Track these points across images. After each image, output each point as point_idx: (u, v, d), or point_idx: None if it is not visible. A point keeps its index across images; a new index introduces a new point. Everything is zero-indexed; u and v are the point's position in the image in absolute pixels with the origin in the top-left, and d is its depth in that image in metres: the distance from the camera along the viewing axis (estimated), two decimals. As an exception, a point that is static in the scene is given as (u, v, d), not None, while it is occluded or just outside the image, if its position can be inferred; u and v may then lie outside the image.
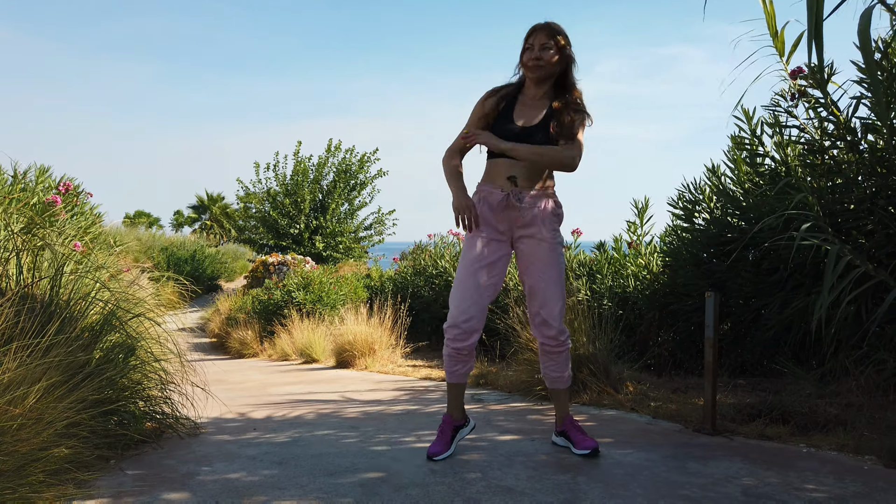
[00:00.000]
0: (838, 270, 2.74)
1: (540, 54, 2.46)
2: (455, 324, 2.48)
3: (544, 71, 2.48)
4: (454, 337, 2.49)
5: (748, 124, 3.95)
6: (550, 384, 2.68)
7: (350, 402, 4.00)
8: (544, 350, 2.60)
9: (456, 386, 2.61)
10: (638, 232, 5.37)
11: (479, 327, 2.49)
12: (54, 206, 5.35)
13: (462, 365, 2.55)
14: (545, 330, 2.53)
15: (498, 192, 2.49)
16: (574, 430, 2.62)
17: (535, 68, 2.47)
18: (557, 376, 2.63)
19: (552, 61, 2.47)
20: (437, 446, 2.54)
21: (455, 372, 2.57)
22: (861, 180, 3.36)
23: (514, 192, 2.46)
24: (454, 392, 2.62)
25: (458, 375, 2.58)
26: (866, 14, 1.30)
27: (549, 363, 2.62)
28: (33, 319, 2.32)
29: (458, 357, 2.53)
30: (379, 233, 16.81)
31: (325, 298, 7.89)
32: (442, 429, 2.60)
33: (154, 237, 19.54)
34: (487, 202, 2.50)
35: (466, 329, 2.47)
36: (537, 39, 2.47)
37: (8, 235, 3.17)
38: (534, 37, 2.48)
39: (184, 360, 3.13)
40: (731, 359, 4.30)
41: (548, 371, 2.65)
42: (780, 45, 3.43)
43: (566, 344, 2.57)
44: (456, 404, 2.63)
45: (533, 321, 2.57)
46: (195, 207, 40.38)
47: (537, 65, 2.46)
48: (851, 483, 2.19)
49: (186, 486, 2.22)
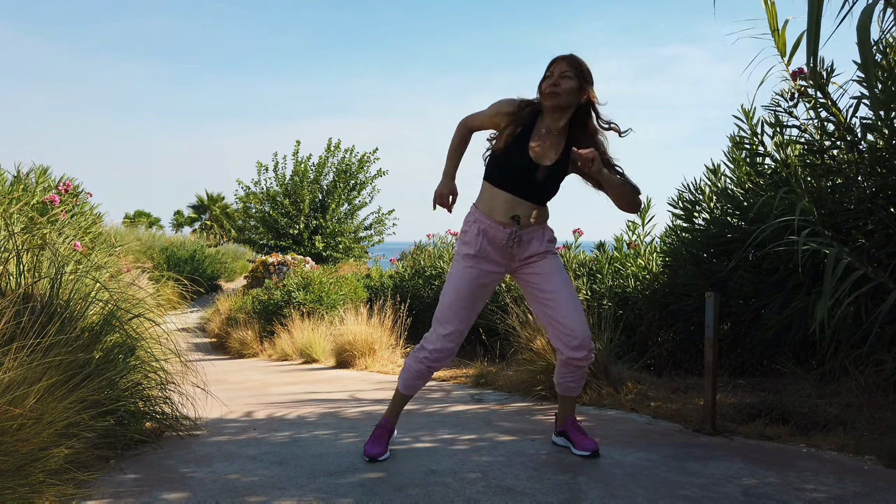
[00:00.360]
0: (837, 274, 2.74)
1: (558, 81, 2.39)
2: (440, 348, 2.48)
3: (561, 99, 2.39)
4: (436, 358, 2.49)
5: (748, 124, 3.95)
6: (564, 392, 2.65)
7: (350, 402, 4.00)
8: (570, 364, 2.52)
9: (406, 397, 2.64)
10: (639, 232, 5.37)
11: (455, 352, 2.52)
12: (53, 205, 5.35)
13: (423, 381, 2.58)
14: (571, 341, 2.45)
15: (501, 229, 2.43)
16: (575, 430, 2.62)
17: (551, 95, 2.38)
18: (574, 387, 2.62)
19: (569, 90, 2.39)
20: (378, 448, 2.53)
21: (415, 386, 2.59)
22: (861, 180, 3.36)
23: (516, 231, 2.43)
24: (402, 401, 2.64)
25: (415, 389, 2.61)
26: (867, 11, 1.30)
27: (569, 376, 2.58)
28: (33, 319, 2.32)
29: (425, 375, 2.55)
30: (379, 233, 16.82)
31: (325, 298, 7.89)
32: (380, 433, 2.60)
33: (154, 237, 19.54)
34: (488, 237, 2.45)
35: (448, 352, 2.49)
36: (557, 68, 2.40)
37: (8, 235, 3.17)
38: (554, 65, 2.42)
39: (184, 360, 3.13)
40: (731, 359, 4.30)
41: (566, 382, 2.60)
42: (781, 45, 3.43)
43: (591, 356, 2.51)
44: (398, 412, 2.67)
45: (557, 337, 2.48)
46: (195, 207, 40.38)
47: (554, 91, 2.38)
48: (851, 483, 2.19)
49: (186, 486, 2.22)
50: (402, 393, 2.61)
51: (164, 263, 15.73)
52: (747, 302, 4.10)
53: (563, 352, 2.50)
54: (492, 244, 2.45)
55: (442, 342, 2.47)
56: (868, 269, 2.86)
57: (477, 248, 2.46)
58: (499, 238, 2.44)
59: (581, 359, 2.49)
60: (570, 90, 2.40)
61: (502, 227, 2.44)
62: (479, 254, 2.46)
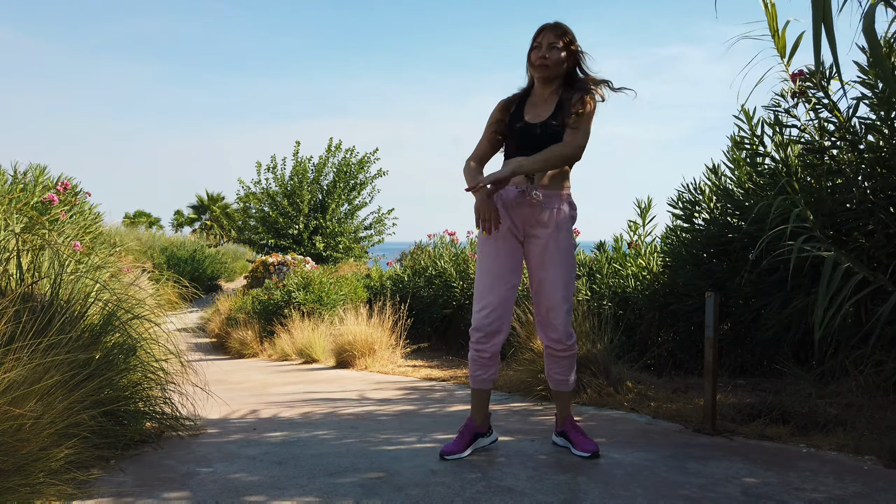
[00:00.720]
0: (835, 280, 2.74)
1: (547, 53, 2.46)
2: (478, 327, 2.48)
3: (551, 70, 2.48)
4: (477, 340, 2.49)
5: (748, 124, 3.95)
6: (554, 386, 2.66)
7: (350, 402, 4.00)
8: (549, 353, 2.58)
9: (477, 391, 2.60)
10: (639, 232, 5.36)
11: (502, 329, 2.49)
12: (52, 205, 5.35)
13: (484, 370, 2.54)
14: (550, 333, 2.51)
15: (511, 188, 2.47)
16: (574, 430, 2.61)
17: (541, 67, 2.47)
18: (562, 380, 2.61)
19: (558, 60, 2.47)
20: (452, 446, 2.53)
21: (477, 377, 2.56)
22: (861, 180, 3.36)
23: (528, 187, 2.45)
24: (476, 397, 2.61)
25: (480, 381, 2.57)
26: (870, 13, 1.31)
27: (554, 367, 2.60)
28: (34, 319, 2.32)
29: (479, 361, 2.52)
30: (379, 232, 16.82)
31: (325, 298, 7.89)
32: (462, 431, 2.58)
33: (154, 237, 19.56)
34: (501, 198, 2.48)
35: (490, 332, 2.47)
36: (545, 38, 2.47)
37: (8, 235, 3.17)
38: (542, 36, 2.49)
39: (184, 361, 3.13)
40: (731, 359, 4.31)
41: (552, 374, 2.62)
42: (781, 46, 3.43)
43: (573, 349, 2.55)
44: (478, 409, 2.61)
45: (539, 323, 2.55)
46: (195, 207, 40.37)
47: (544, 63, 2.47)
48: (851, 483, 2.19)
49: (186, 487, 2.22)
50: (472, 387, 2.61)
51: (164, 263, 15.73)
52: (747, 302, 4.10)
53: (543, 340, 2.56)
54: (505, 207, 2.47)
55: (477, 320, 2.48)
56: (867, 272, 2.86)
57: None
58: (510, 197, 2.47)
59: (560, 350, 2.53)
60: (559, 61, 2.48)
61: (514, 187, 2.47)
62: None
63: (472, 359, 2.54)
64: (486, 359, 2.51)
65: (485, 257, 2.51)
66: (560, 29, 2.48)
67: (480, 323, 2.48)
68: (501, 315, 2.47)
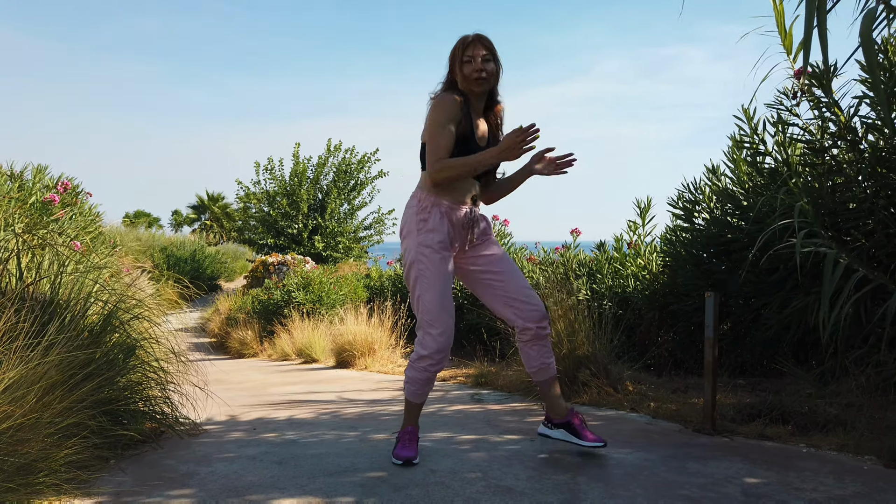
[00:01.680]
0: (836, 276, 2.74)
1: (483, 66, 2.40)
2: (439, 347, 2.43)
3: (489, 84, 2.45)
4: (438, 360, 2.45)
5: (748, 124, 3.95)
6: (542, 375, 2.56)
7: (350, 402, 4.00)
8: (536, 335, 2.50)
9: (420, 405, 2.58)
10: (639, 232, 5.36)
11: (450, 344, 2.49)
12: (52, 205, 5.35)
13: (431, 386, 2.55)
14: (533, 313, 2.48)
15: (461, 208, 2.46)
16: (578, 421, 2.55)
17: (480, 81, 2.41)
18: (548, 362, 2.55)
19: (492, 72, 2.44)
20: (411, 451, 2.47)
21: (424, 393, 2.54)
22: (861, 180, 3.36)
23: (473, 210, 2.50)
24: (417, 408, 2.58)
25: (425, 395, 2.57)
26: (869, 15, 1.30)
27: (541, 350, 2.53)
28: (34, 319, 2.32)
29: (432, 380, 2.51)
30: (379, 232, 16.81)
31: (325, 298, 7.89)
32: (410, 438, 2.52)
33: (154, 237, 19.55)
34: (449, 218, 2.44)
35: (448, 349, 2.47)
36: (477, 51, 2.41)
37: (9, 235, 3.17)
38: (472, 48, 2.41)
39: (183, 361, 3.13)
40: (731, 359, 4.30)
41: (541, 359, 2.53)
42: (788, 44, 3.43)
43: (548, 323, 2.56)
44: (417, 417, 2.59)
45: (517, 314, 2.49)
46: (195, 207, 40.38)
47: (482, 77, 2.41)
48: (851, 483, 2.19)
49: (186, 486, 2.22)
50: (413, 402, 2.56)
51: (164, 263, 15.73)
52: (747, 302, 4.10)
53: (528, 327, 2.50)
54: (454, 227, 2.47)
55: (437, 343, 2.43)
56: (867, 270, 2.86)
57: (444, 233, 2.43)
58: (459, 219, 2.47)
59: (546, 327, 2.53)
60: (493, 72, 2.46)
61: (462, 207, 2.47)
62: (444, 240, 2.43)
63: (424, 380, 2.49)
64: (436, 375, 2.53)
65: (436, 276, 2.41)
66: (487, 41, 2.44)
67: (442, 345, 2.44)
68: (453, 332, 2.48)
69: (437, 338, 2.43)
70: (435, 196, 2.44)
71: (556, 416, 2.59)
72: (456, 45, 2.46)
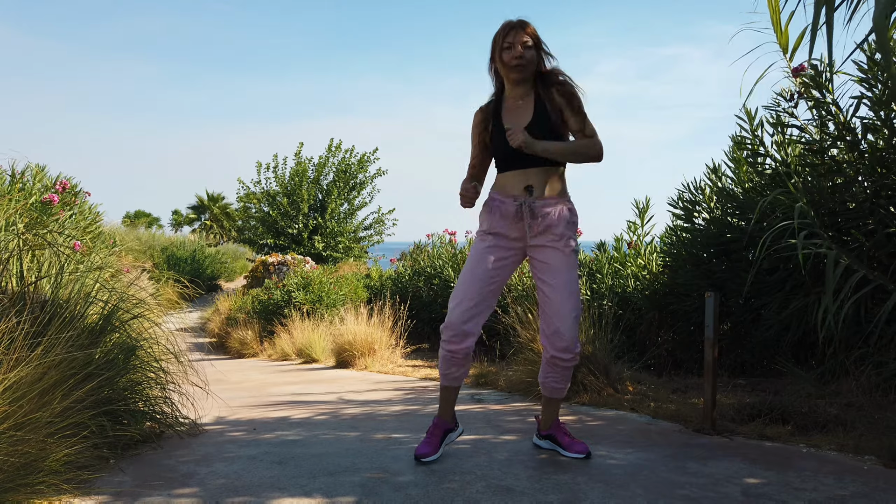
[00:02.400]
0: (836, 277, 2.74)
1: (522, 52, 2.38)
2: (450, 325, 2.41)
3: (527, 70, 2.41)
4: (449, 339, 2.42)
5: (749, 124, 3.95)
6: (549, 393, 2.58)
7: (350, 402, 4.00)
8: (553, 362, 2.48)
9: (449, 389, 2.54)
10: (638, 232, 5.37)
11: (475, 331, 2.42)
12: (52, 204, 5.35)
13: (457, 368, 2.47)
14: (557, 341, 2.42)
15: (510, 201, 2.43)
16: (562, 433, 2.58)
17: (518, 67, 2.39)
18: (558, 388, 2.54)
19: (533, 59, 2.41)
20: (425, 448, 2.48)
21: (448, 374, 2.49)
22: (861, 180, 3.36)
23: (528, 201, 2.41)
24: (446, 395, 2.55)
25: (452, 378, 2.50)
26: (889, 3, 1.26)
27: (553, 374, 2.51)
28: (34, 319, 2.32)
29: (452, 360, 2.45)
30: (379, 232, 16.82)
31: (325, 298, 7.89)
32: (432, 431, 2.53)
33: (154, 237, 19.55)
34: (500, 211, 2.44)
35: (463, 332, 2.40)
36: (517, 38, 2.38)
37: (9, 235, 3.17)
38: (512, 35, 2.39)
39: (183, 360, 3.13)
40: (731, 359, 4.31)
41: (548, 381, 2.54)
42: (783, 42, 3.42)
43: (577, 359, 2.47)
44: (447, 407, 2.56)
45: (544, 332, 2.47)
46: (195, 207, 40.37)
47: (521, 64, 2.38)
48: (851, 483, 2.19)
49: (186, 486, 2.22)
50: (443, 384, 2.54)
51: (164, 263, 15.73)
52: (747, 302, 4.10)
53: (548, 349, 2.47)
54: (504, 219, 2.43)
55: (450, 319, 2.41)
56: (867, 270, 2.86)
57: (490, 223, 2.45)
58: (510, 211, 2.42)
59: (566, 360, 2.45)
60: (533, 59, 2.42)
61: (512, 200, 2.43)
62: (491, 230, 2.44)
63: (443, 357, 2.46)
64: (458, 358, 2.44)
65: (472, 258, 2.45)
66: (529, 27, 2.41)
67: (453, 320, 2.40)
68: (476, 315, 2.41)
69: (451, 312, 2.42)
70: (492, 192, 2.51)
71: (541, 427, 2.66)
72: (498, 31, 2.44)
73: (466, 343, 2.42)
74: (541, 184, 2.43)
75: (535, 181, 2.42)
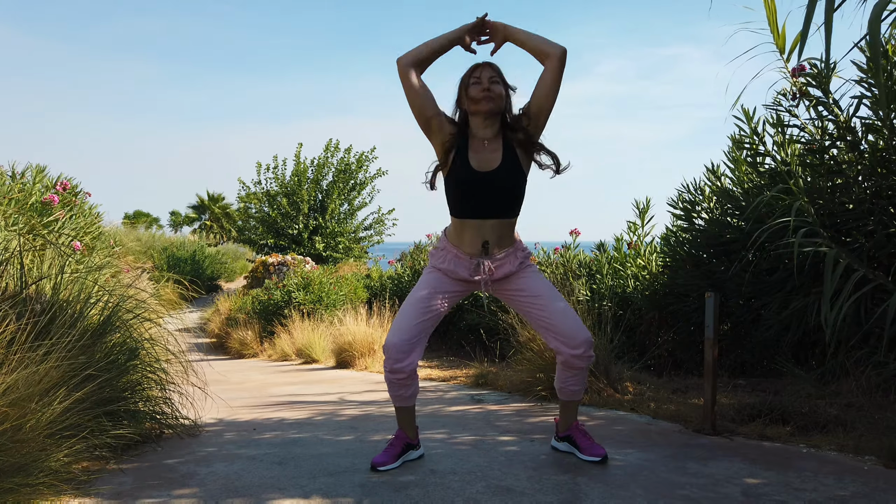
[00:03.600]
0: (836, 276, 2.74)
1: (490, 86, 2.36)
2: (388, 346, 2.38)
3: (495, 104, 2.37)
4: (388, 358, 2.39)
5: (748, 124, 3.95)
6: (567, 397, 2.56)
7: (350, 402, 4.00)
8: (570, 365, 2.45)
9: (402, 409, 2.51)
10: (639, 232, 5.37)
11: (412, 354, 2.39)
12: (52, 205, 5.35)
13: (405, 389, 2.45)
14: (572, 341, 2.40)
15: (468, 259, 2.42)
16: (581, 435, 2.56)
17: (486, 100, 2.35)
18: (576, 390, 2.52)
19: (500, 94, 2.38)
20: (384, 457, 2.44)
21: (399, 396, 2.47)
22: (861, 180, 3.36)
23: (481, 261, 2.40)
24: (402, 415, 2.52)
25: (403, 399, 2.48)
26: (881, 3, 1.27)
27: (571, 378, 2.49)
28: (34, 320, 2.32)
29: (397, 382, 2.42)
30: (379, 233, 16.80)
31: (325, 299, 7.89)
32: (393, 442, 2.50)
33: (154, 237, 19.54)
34: (455, 263, 2.44)
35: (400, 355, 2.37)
36: (484, 73, 2.38)
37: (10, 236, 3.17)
38: (479, 71, 2.39)
39: (183, 361, 3.13)
40: (731, 359, 4.31)
41: (567, 385, 2.52)
42: (780, 42, 3.42)
43: (591, 354, 2.44)
44: (406, 424, 2.53)
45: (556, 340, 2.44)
46: (195, 207, 40.39)
47: (488, 96, 2.35)
48: (851, 483, 2.19)
49: (186, 487, 2.22)
50: (396, 405, 2.52)
51: (164, 263, 15.73)
52: (747, 302, 4.10)
53: (563, 353, 2.44)
54: (459, 268, 2.44)
55: (389, 342, 2.39)
56: (867, 270, 2.86)
57: (445, 266, 2.46)
58: (468, 266, 2.43)
59: (583, 356, 2.42)
60: (501, 95, 2.39)
61: (469, 258, 2.42)
62: (446, 271, 2.45)
63: (389, 381, 2.43)
64: (402, 379, 2.42)
65: (423, 288, 2.44)
66: (495, 66, 2.42)
67: (389, 342, 2.39)
68: (416, 342, 2.39)
69: (389, 335, 2.41)
70: (450, 244, 2.47)
71: (558, 429, 2.64)
72: (465, 72, 2.43)
73: (406, 362, 2.38)
74: (496, 238, 2.41)
75: (491, 237, 2.40)
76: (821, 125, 3.43)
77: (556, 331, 2.42)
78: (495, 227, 2.40)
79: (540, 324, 2.46)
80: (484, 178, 2.35)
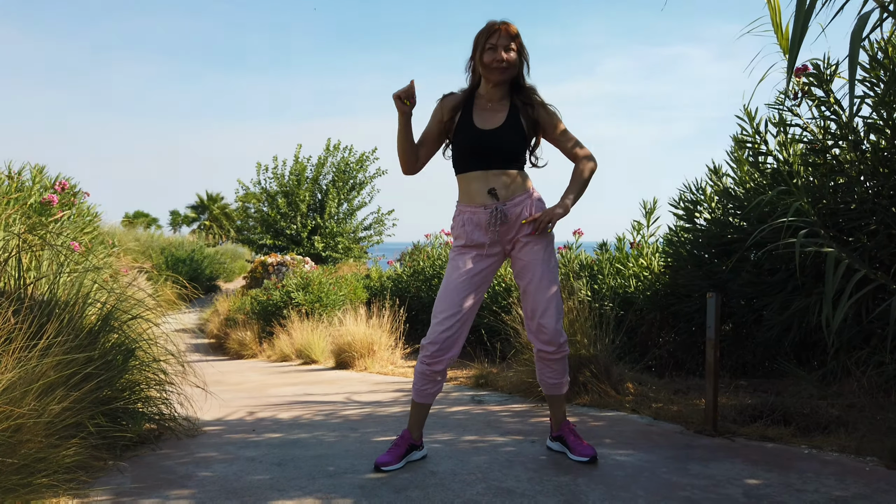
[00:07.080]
0: (838, 275, 2.73)
1: (503, 55, 2.33)
2: (435, 340, 2.38)
3: (509, 73, 2.37)
4: (432, 354, 2.39)
5: (750, 124, 3.94)
6: (547, 391, 2.60)
7: (349, 403, 3.99)
8: (540, 357, 2.51)
9: (421, 406, 2.50)
10: (643, 232, 5.36)
11: (456, 346, 2.40)
12: (51, 205, 5.34)
13: (432, 385, 2.45)
14: (541, 335, 2.45)
15: (481, 210, 2.40)
16: (571, 435, 2.57)
17: (500, 70, 2.35)
18: (555, 383, 2.55)
19: (514, 62, 2.37)
20: (388, 457, 2.42)
21: (423, 391, 2.46)
22: (863, 180, 3.35)
23: (497, 207, 2.39)
24: (418, 411, 2.51)
25: (426, 395, 2.47)
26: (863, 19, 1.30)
27: (546, 370, 2.54)
28: (32, 320, 2.31)
29: (430, 376, 2.42)
30: (378, 233, 16.78)
31: (325, 299, 7.87)
32: (398, 442, 2.49)
33: (152, 237, 19.52)
34: (473, 222, 2.42)
35: (445, 346, 2.38)
36: (500, 40, 2.34)
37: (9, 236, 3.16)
38: (495, 36, 2.34)
39: (182, 361, 3.12)
40: (733, 360, 4.30)
41: (544, 378, 2.56)
42: (784, 43, 3.42)
43: (564, 350, 2.48)
44: (417, 423, 2.52)
45: (529, 326, 2.49)
46: (194, 207, 40.40)
47: (502, 67, 2.34)
48: (853, 484, 2.18)
49: (185, 488, 2.21)
50: (414, 401, 2.50)
51: (163, 264, 15.71)
52: (749, 303, 4.09)
53: (534, 343, 2.50)
54: (479, 228, 2.42)
55: (433, 334, 2.39)
56: (868, 270, 2.85)
57: (465, 238, 2.44)
58: (483, 221, 2.40)
59: (551, 353, 2.46)
60: (515, 65, 2.39)
61: (483, 209, 2.40)
62: (468, 243, 2.44)
63: (422, 373, 2.43)
64: (437, 373, 2.42)
65: (455, 274, 2.43)
66: (513, 29, 2.38)
67: (434, 337, 2.39)
68: (459, 330, 2.40)
69: (434, 327, 2.41)
70: (461, 205, 2.48)
71: (552, 429, 2.66)
72: (481, 30, 2.39)
73: (447, 356, 2.40)
74: (503, 185, 2.41)
75: (497, 183, 2.40)
76: (823, 125, 3.42)
77: (531, 320, 2.46)
78: (499, 176, 2.41)
79: (523, 306, 2.49)
80: (484, 134, 2.39)
